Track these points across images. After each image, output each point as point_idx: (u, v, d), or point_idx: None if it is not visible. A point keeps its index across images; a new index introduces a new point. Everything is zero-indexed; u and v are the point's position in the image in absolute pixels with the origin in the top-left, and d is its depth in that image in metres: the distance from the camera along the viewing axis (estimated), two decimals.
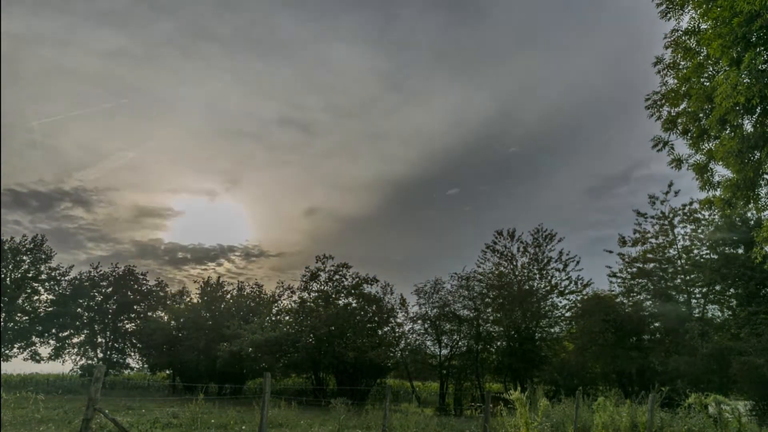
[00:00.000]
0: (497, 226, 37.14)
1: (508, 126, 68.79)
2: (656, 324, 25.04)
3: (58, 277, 36.91)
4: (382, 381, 30.33)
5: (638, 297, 26.39)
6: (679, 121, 12.07)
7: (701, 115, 11.54)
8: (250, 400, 22.25)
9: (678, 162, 12.37)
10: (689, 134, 11.92)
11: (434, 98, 68.45)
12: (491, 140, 68.55)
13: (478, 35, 66.08)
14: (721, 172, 11.67)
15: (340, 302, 28.37)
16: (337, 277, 29.00)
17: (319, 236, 73.90)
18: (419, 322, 28.89)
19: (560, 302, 27.97)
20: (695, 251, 25.78)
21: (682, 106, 11.97)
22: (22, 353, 34.23)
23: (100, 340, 38.79)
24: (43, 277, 35.95)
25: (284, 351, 26.85)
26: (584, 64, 64.88)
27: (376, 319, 28.21)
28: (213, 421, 13.01)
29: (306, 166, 73.43)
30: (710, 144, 11.65)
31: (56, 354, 36.72)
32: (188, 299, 39.64)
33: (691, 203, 25.47)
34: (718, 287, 25.26)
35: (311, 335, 26.39)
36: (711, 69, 11.15)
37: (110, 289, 38.41)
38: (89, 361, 37.56)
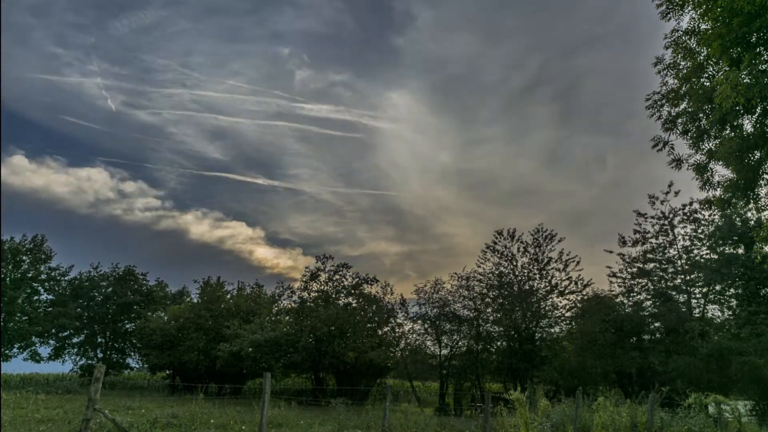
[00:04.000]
0: None
1: None
2: (656, 324, 25.04)
3: (58, 277, 36.97)
4: (382, 381, 30.32)
5: (638, 297, 26.39)
6: (679, 121, 12.06)
7: (701, 115, 11.53)
8: (250, 400, 22.25)
9: (678, 162, 12.37)
10: (689, 134, 11.92)
11: None
12: None
13: None
14: (721, 172, 11.67)
15: (340, 302, 28.36)
16: (337, 277, 29.00)
17: None
18: (419, 322, 28.90)
19: (560, 302, 27.98)
20: (695, 251, 25.79)
21: (682, 106, 11.96)
22: (22, 353, 34.24)
23: (99, 340, 38.84)
24: (43, 277, 35.99)
25: (284, 351, 26.84)
26: None
27: (376, 319, 28.20)
28: (213, 421, 13.01)
29: None
30: (710, 144, 11.65)
31: (56, 354, 36.77)
32: (188, 299, 39.70)
33: (691, 203, 25.49)
34: (718, 287, 25.27)
35: (311, 335, 26.38)
36: (711, 69, 11.14)
37: (110, 289, 38.47)
38: (89, 361, 37.61)
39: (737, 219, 24.77)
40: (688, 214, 25.55)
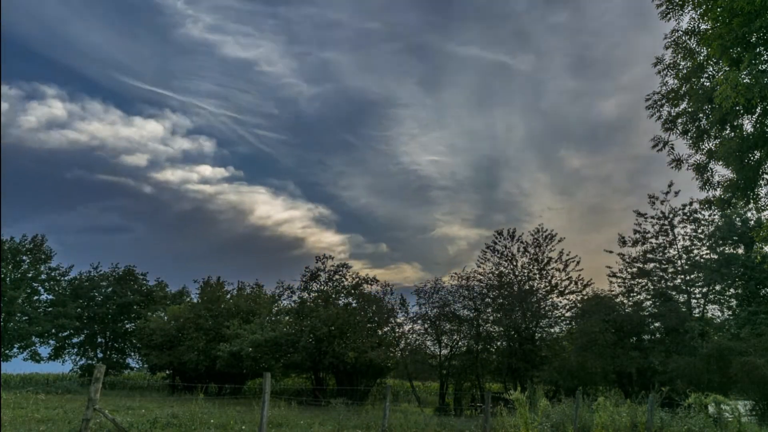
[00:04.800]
0: None
1: None
2: (656, 324, 25.03)
3: (58, 277, 36.97)
4: (382, 381, 30.32)
5: (638, 297, 26.38)
6: (679, 121, 12.07)
7: (701, 115, 11.54)
8: (250, 400, 22.24)
9: (678, 162, 12.38)
10: (689, 134, 11.92)
11: None
12: None
13: None
14: (721, 172, 11.69)
15: (340, 302, 28.36)
16: (336, 277, 29.01)
17: None
18: (419, 322, 28.88)
19: (560, 302, 27.98)
20: (695, 251, 25.79)
21: (682, 106, 11.97)
22: (22, 353, 34.25)
23: (99, 340, 38.87)
24: (43, 277, 35.98)
25: (284, 351, 26.85)
26: None
27: (376, 319, 28.20)
28: (213, 421, 13.00)
29: None
30: (710, 144, 11.66)
31: (56, 354, 36.81)
32: (188, 299, 39.70)
33: (691, 203, 25.48)
34: (718, 287, 25.27)
35: (311, 335, 26.38)
36: (711, 69, 11.15)
37: (110, 289, 38.48)
38: (89, 361, 37.64)
39: (737, 219, 24.78)
40: (688, 214, 25.55)
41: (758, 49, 9.13)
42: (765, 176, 10.68)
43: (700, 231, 25.72)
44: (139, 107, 66.95)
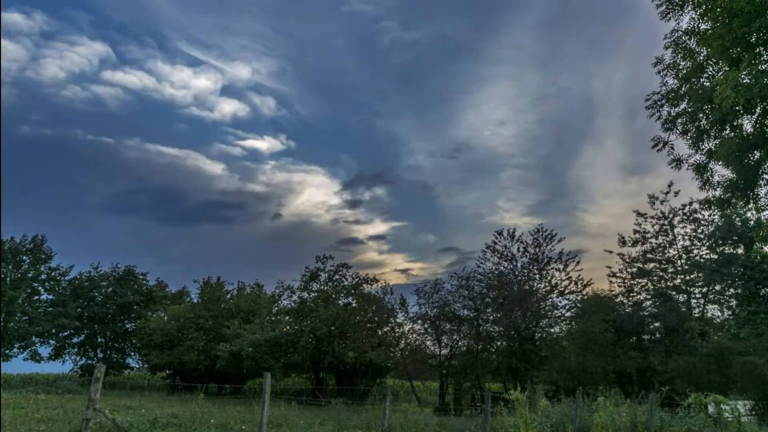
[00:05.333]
0: None
1: None
2: (656, 324, 25.05)
3: (58, 278, 36.97)
4: (381, 381, 30.32)
5: (638, 297, 26.39)
6: (679, 121, 12.08)
7: (701, 115, 11.55)
8: (250, 400, 22.24)
9: (678, 162, 12.38)
10: (689, 134, 11.93)
11: None
12: None
13: None
14: (720, 172, 11.70)
15: (340, 302, 28.36)
16: (336, 277, 29.01)
17: None
18: (419, 322, 28.90)
19: (560, 302, 27.99)
20: (695, 251, 25.79)
21: (682, 106, 11.98)
22: (22, 353, 34.25)
23: (99, 340, 38.89)
24: (43, 277, 35.98)
25: (284, 351, 26.85)
26: None
27: (376, 319, 28.21)
28: (213, 420, 12.99)
29: None
30: (710, 144, 11.67)
31: (56, 354, 36.84)
32: (188, 299, 39.74)
33: (690, 203, 25.49)
34: (717, 287, 25.28)
35: (311, 335, 26.38)
36: (711, 69, 11.15)
37: (110, 289, 38.50)
38: (89, 361, 37.67)
39: (737, 219, 24.79)
40: (688, 214, 25.56)
41: (758, 49, 9.14)
42: (765, 176, 10.69)
43: (700, 231, 25.73)
44: (178, 56, 54.94)
